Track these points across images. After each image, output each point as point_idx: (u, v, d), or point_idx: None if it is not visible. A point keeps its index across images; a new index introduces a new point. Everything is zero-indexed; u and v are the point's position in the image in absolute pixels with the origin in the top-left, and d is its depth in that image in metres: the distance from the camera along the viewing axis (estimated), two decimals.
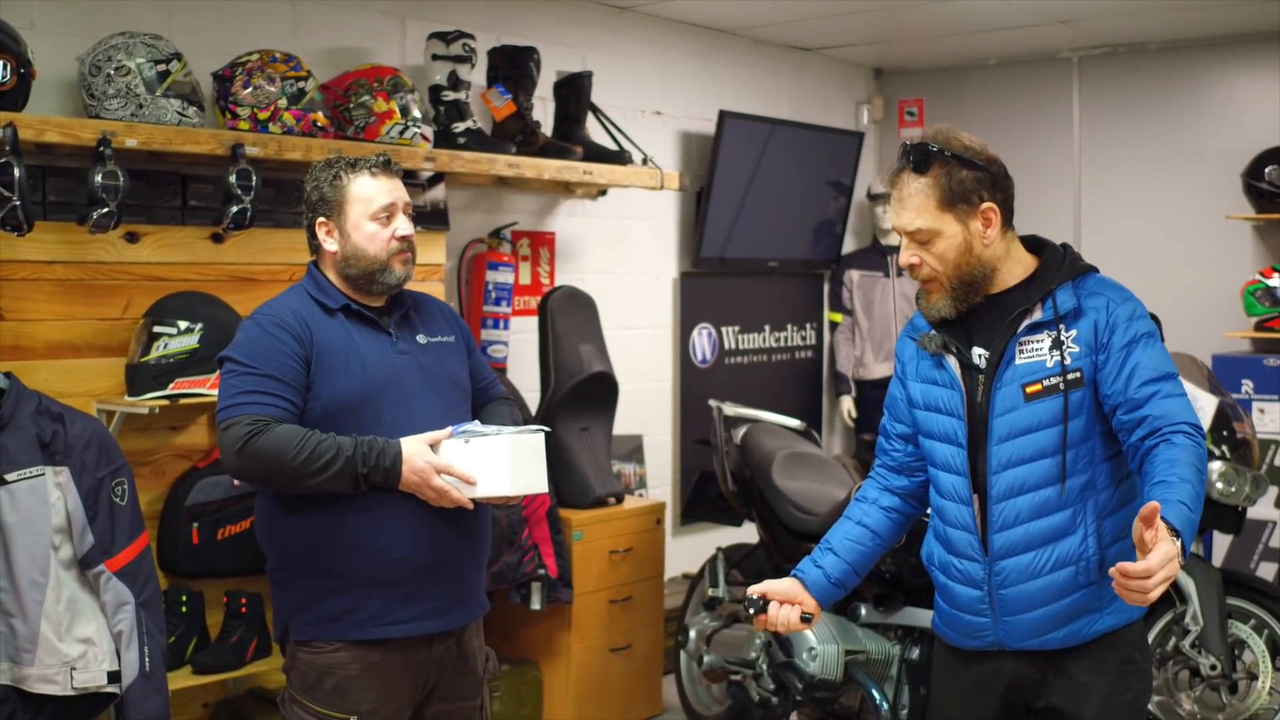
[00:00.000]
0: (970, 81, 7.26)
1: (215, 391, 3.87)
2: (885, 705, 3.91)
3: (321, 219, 3.01)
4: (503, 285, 5.19)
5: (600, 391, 5.16)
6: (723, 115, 6.16)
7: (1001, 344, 2.75)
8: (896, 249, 6.96)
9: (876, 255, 7.09)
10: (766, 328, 6.90)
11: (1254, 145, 6.05)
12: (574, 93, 5.31)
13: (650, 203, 6.09)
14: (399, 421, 2.92)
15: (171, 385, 3.86)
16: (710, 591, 4.90)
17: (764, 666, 4.42)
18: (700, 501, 5.39)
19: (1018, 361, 2.74)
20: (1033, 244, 2.85)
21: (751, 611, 2.88)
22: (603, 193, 5.72)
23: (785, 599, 2.91)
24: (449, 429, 2.92)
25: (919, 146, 2.72)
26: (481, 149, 4.76)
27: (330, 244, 3.01)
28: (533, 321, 5.39)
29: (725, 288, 6.62)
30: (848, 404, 7.09)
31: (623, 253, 6.02)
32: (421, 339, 3.07)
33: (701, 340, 6.48)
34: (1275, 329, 5.90)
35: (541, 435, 2.97)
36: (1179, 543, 2.33)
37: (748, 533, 5.65)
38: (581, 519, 4.92)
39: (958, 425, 2.79)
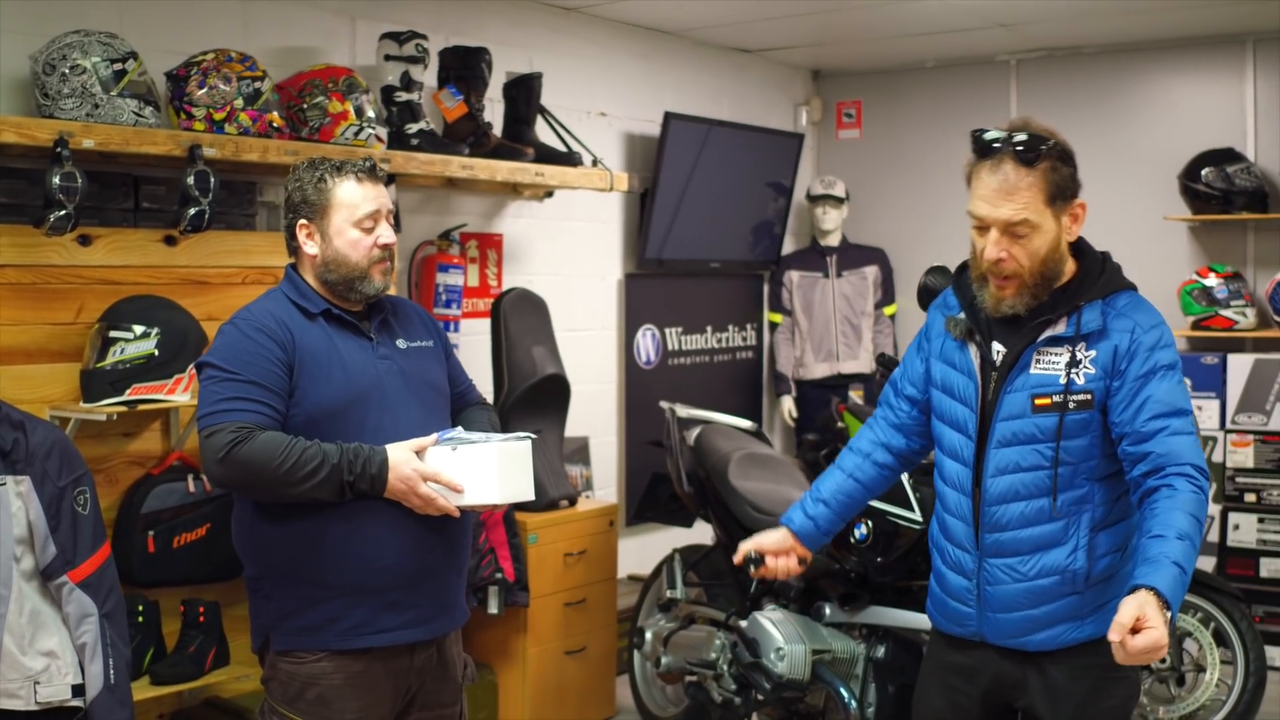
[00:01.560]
0: (908, 84, 7.33)
1: (174, 397, 3.86)
2: (854, 704, 3.93)
3: (303, 221, 2.97)
4: (453, 287, 5.15)
5: (553, 394, 5.15)
6: (668, 117, 6.16)
7: (1019, 348, 2.73)
8: (836, 250, 7.05)
9: (816, 256, 7.14)
10: (708, 328, 6.92)
11: (1190, 147, 6.17)
12: (524, 94, 5.28)
13: (595, 204, 6.08)
14: (383, 427, 2.89)
15: (129, 391, 3.78)
16: (668, 593, 4.90)
17: (725, 667, 4.43)
18: (653, 503, 5.40)
19: (1032, 370, 2.72)
20: (1074, 248, 2.78)
21: (752, 568, 2.98)
22: (549, 194, 5.71)
23: (779, 550, 3.01)
24: (434, 436, 2.89)
25: (1032, 138, 2.64)
26: (434, 150, 4.71)
27: (310, 247, 2.97)
28: (481, 324, 5.36)
29: (669, 289, 6.62)
30: (788, 404, 7.14)
31: (568, 254, 6.00)
32: (401, 344, 3.04)
33: (645, 341, 6.48)
34: (1211, 328, 6.03)
35: (529, 442, 2.95)
36: (1167, 615, 2.36)
37: (696, 534, 5.66)
38: (536, 522, 4.90)
39: (969, 416, 2.79)
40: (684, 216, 6.46)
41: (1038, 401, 2.70)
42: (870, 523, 3.91)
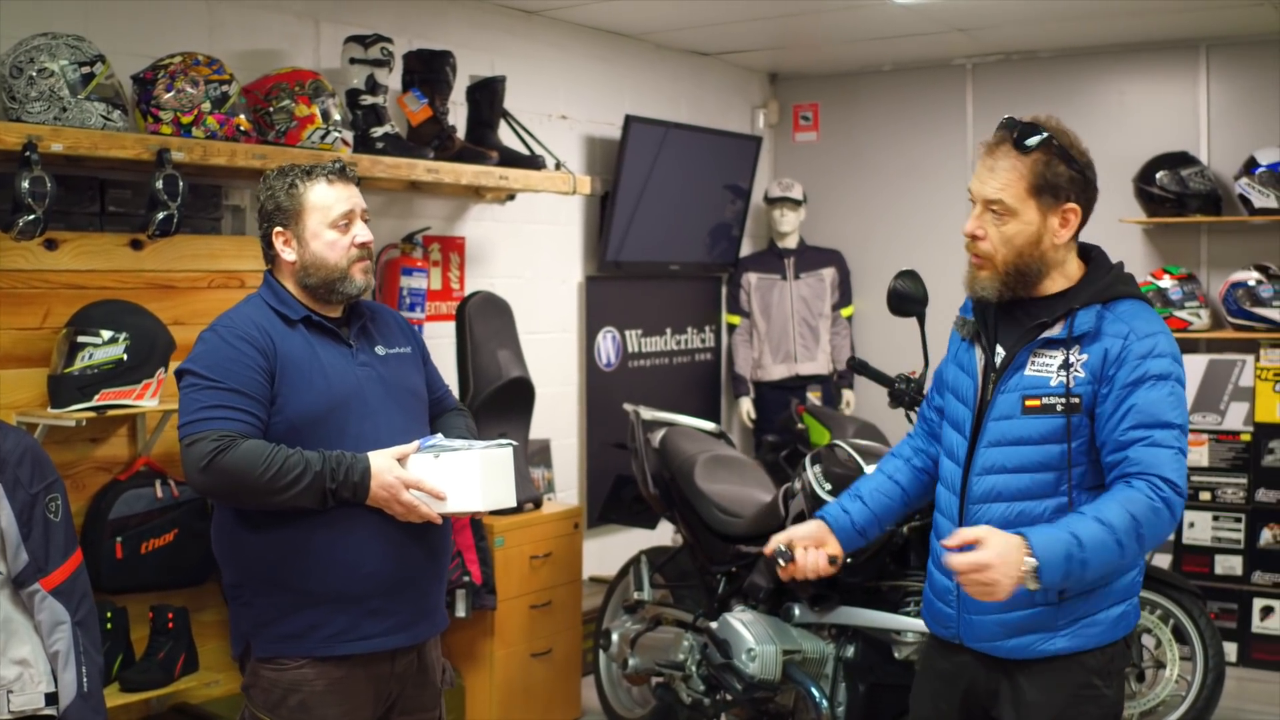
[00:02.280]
0: (864, 87, 7.38)
1: (143, 403, 3.84)
2: (825, 703, 3.97)
3: (278, 228, 2.97)
4: (417, 291, 5.15)
5: (518, 397, 5.15)
6: (629, 120, 6.18)
7: (1015, 350, 2.75)
8: (793, 252, 7.10)
9: (774, 258, 7.18)
10: (668, 330, 6.95)
11: (1144, 151, 6.24)
12: (487, 97, 5.28)
13: (556, 207, 6.09)
14: (364, 434, 2.89)
15: (97, 396, 3.75)
16: (635, 595, 4.92)
17: (693, 668, 4.45)
18: (617, 504, 5.42)
19: (1026, 372, 2.72)
20: (1085, 255, 2.82)
21: (781, 562, 2.96)
22: (511, 197, 5.71)
23: (811, 543, 2.99)
24: (416, 443, 2.90)
25: (1030, 125, 2.69)
26: (400, 154, 4.70)
27: (288, 254, 2.97)
28: (444, 327, 5.36)
29: (629, 291, 6.64)
30: (746, 405, 7.17)
31: (530, 257, 6.01)
32: (380, 350, 3.04)
33: (606, 344, 6.50)
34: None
35: (510, 449, 2.96)
36: (1027, 562, 2.42)
37: (657, 535, 5.70)
38: (503, 525, 4.90)
39: (967, 416, 2.81)
40: (644, 219, 6.49)
41: (1028, 403, 2.70)
42: None
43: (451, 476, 2.86)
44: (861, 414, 6.75)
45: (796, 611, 4.15)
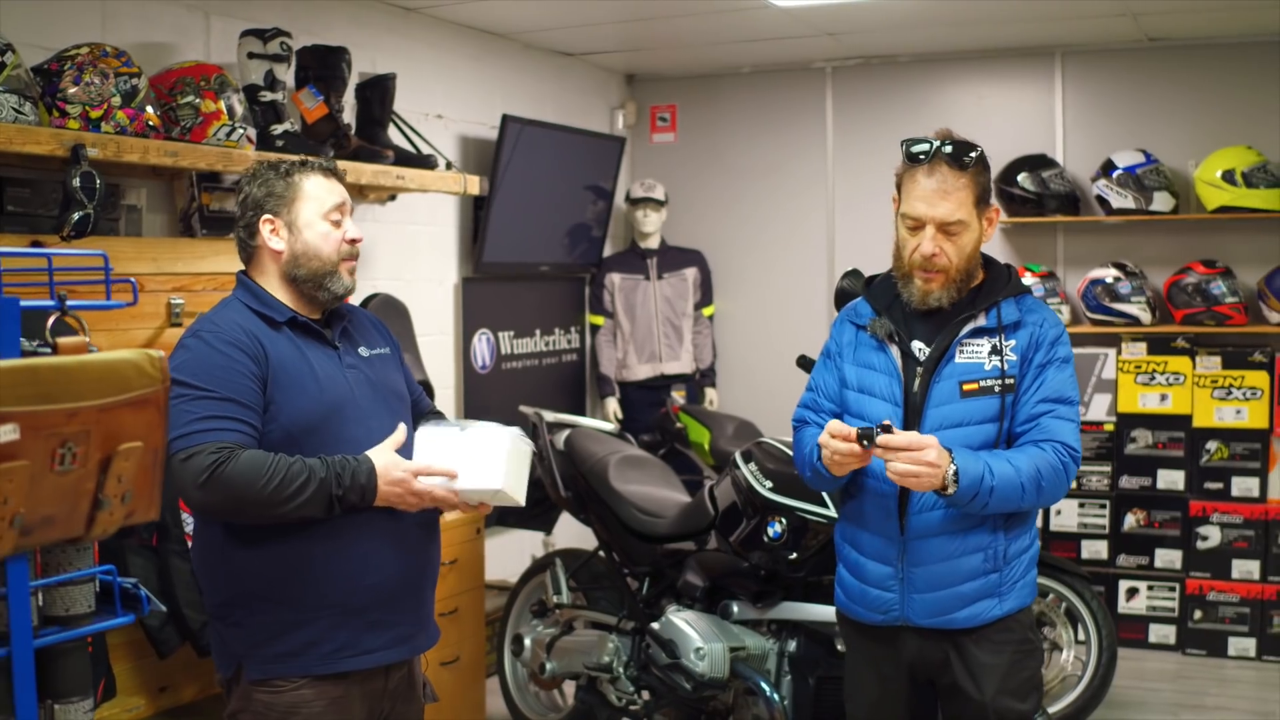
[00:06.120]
0: (723, 88, 7.43)
1: None
2: (776, 697, 3.98)
3: (268, 216, 2.83)
4: None
5: None
6: (505, 119, 6.11)
7: (945, 342, 2.93)
8: (655, 252, 7.12)
9: (636, 259, 7.19)
10: (537, 332, 6.89)
11: (1001, 153, 6.41)
12: (378, 95, 5.14)
13: (434, 208, 5.99)
14: (359, 439, 2.78)
15: None
16: (554, 599, 4.85)
17: (621, 669, 4.42)
18: (514, 508, 5.33)
19: (957, 360, 2.92)
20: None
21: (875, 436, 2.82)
22: (393, 197, 5.58)
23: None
24: (401, 429, 2.82)
25: (965, 144, 2.88)
26: (301, 152, 4.53)
27: (276, 242, 2.84)
28: None
29: (502, 293, 6.56)
30: (613, 406, 7.16)
31: (409, 258, 5.88)
32: (364, 352, 2.94)
33: (481, 346, 6.41)
34: None
35: (530, 445, 2.94)
36: (947, 469, 2.73)
37: (534, 537, 5.65)
38: None
39: (893, 411, 2.94)
40: (517, 219, 6.42)
41: (965, 387, 2.90)
42: (784, 520, 3.96)
43: (475, 451, 2.81)
44: (724, 411, 6.81)
45: (735, 609, 4.16)
